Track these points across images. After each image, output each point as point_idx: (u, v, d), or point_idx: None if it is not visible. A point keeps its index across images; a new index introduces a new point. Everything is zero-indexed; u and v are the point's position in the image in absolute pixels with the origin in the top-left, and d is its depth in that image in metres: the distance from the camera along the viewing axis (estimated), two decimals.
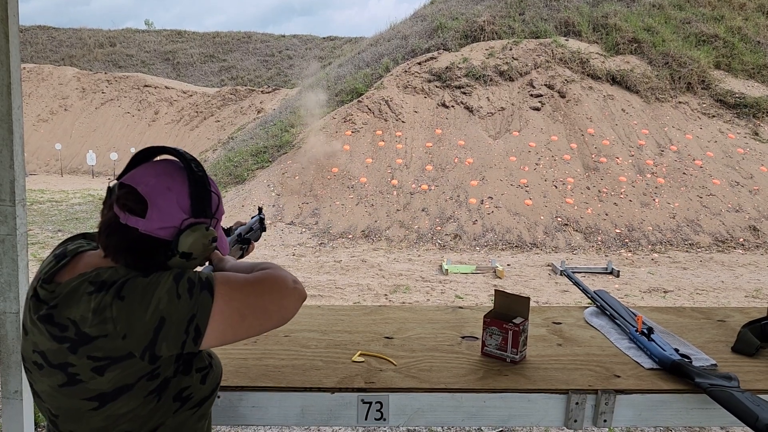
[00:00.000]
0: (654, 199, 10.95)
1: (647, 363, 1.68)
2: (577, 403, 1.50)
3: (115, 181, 1.17)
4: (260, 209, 1.92)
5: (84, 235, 1.30)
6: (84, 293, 1.06)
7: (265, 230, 1.88)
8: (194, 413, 1.19)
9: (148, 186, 1.11)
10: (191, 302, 1.06)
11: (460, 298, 6.87)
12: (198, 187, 1.15)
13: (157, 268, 1.12)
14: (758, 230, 10.29)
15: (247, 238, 1.71)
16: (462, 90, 13.50)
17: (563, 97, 13.19)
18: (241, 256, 1.72)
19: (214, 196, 1.20)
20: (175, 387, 1.12)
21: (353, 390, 1.51)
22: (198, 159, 1.29)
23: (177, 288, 1.07)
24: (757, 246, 9.94)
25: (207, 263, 1.41)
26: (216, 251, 1.39)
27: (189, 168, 1.15)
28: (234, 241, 1.63)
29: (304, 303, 1.26)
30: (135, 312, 1.04)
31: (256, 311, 1.12)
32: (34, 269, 6.48)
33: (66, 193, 17.14)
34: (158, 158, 1.22)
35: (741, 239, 10.10)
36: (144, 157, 1.22)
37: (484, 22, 15.35)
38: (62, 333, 1.05)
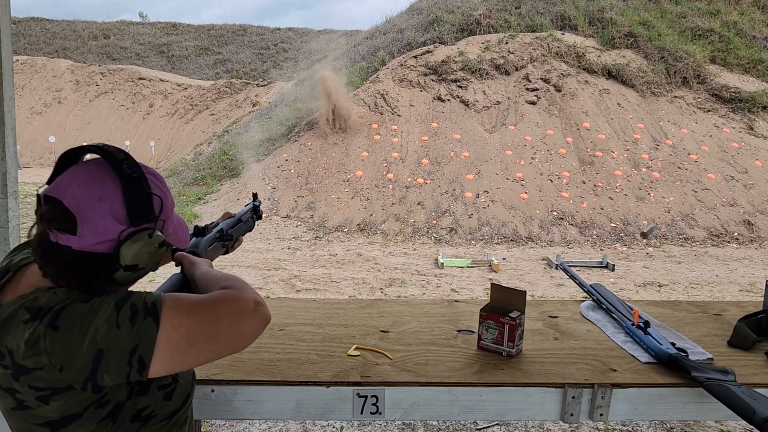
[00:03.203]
0: (649, 194, 10.98)
1: (644, 357, 1.68)
2: (573, 397, 1.50)
3: (45, 186, 1.05)
4: (255, 195, 1.81)
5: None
6: (20, 321, 0.97)
7: (260, 218, 1.77)
8: (164, 425, 1.12)
9: (76, 198, 0.99)
10: (133, 332, 0.96)
11: (456, 292, 6.88)
12: (133, 192, 1.03)
13: (101, 285, 1.04)
14: (752, 224, 10.32)
15: (229, 233, 1.58)
16: (458, 84, 13.48)
17: (559, 91, 13.19)
18: (226, 253, 1.60)
19: (156, 198, 1.07)
20: (131, 408, 1.05)
21: (349, 384, 1.50)
22: (195, 152, 1.22)
23: (117, 316, 0.97)
24: (752, 240, 9.98)
25: (180, 269, 1.31)
26: (187, 256, 1.31)
27: (120, 170, 1.03)
28: (212, 240, 1.50)
29: (300, 296, 1.23)
30: (71, 343, 0.95)
31: (208, 337, 1.01)
32: None
33: None
34: (87, 159, 1.09)
35: (735, 233, 10.14)
36: (72, 158, 1.08)
37: (480, 15, 15.32)
38: (2, 360, 0.98)
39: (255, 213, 1.76)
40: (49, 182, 1.06)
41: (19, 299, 1.00)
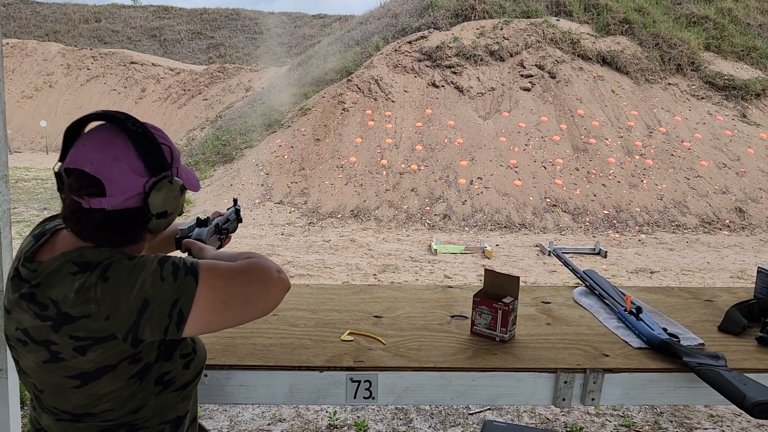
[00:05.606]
0: (642, 181, 11.00)
1: (635, 342, 1.69)
2: (565, 382, 1.51)
3: (59, 164, 1.12)
4: (235, 201, 1.91)
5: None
6: (67, 273, 1.04)
7: (241, 221, 1.87)
8: (178, 395, 1.19)
9: (95, 163, 1.06)
10: (175, 285, 1.05)
11: (449, 278, 6.90)
12: (144, 145, 1.10)
13: (140, 236, 1.14)
14: (744, 212, 10.37)
15: (224, 228, 1.70)
16: (452, 70, 13.42)
17: (553, 77, 13.16)
18: (220, 247, 1.71)
19: (165, 147, 1.14)
20: (157, 372, 1.11)
21: (342, 369, 1.50)
22: (188, 137, 1.25)
23: (161, 271, 1.05)
24: (743, 227, 10.04)
25: (187, 254, 1.39)
26: (195, 242, 1.40)
27: (126, 129, 1.10)
28: (212, 232, 1.61)
29: (294, 282, 1.25)
30: (119, 293, 1.02)
31: (241, 300, 1.10)
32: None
33: (52, 171, 16.91)
34: (91, 127, 1.15)
35: (727, 221, 10.19)
36: (77, 130, 1.14)
37: (475, 1, 15.21)
38: (43, 312, 1.04)
39: (237, 216, 1.85)
40: (61, 158, 1.12)
41: (63, 255, 1.07)
